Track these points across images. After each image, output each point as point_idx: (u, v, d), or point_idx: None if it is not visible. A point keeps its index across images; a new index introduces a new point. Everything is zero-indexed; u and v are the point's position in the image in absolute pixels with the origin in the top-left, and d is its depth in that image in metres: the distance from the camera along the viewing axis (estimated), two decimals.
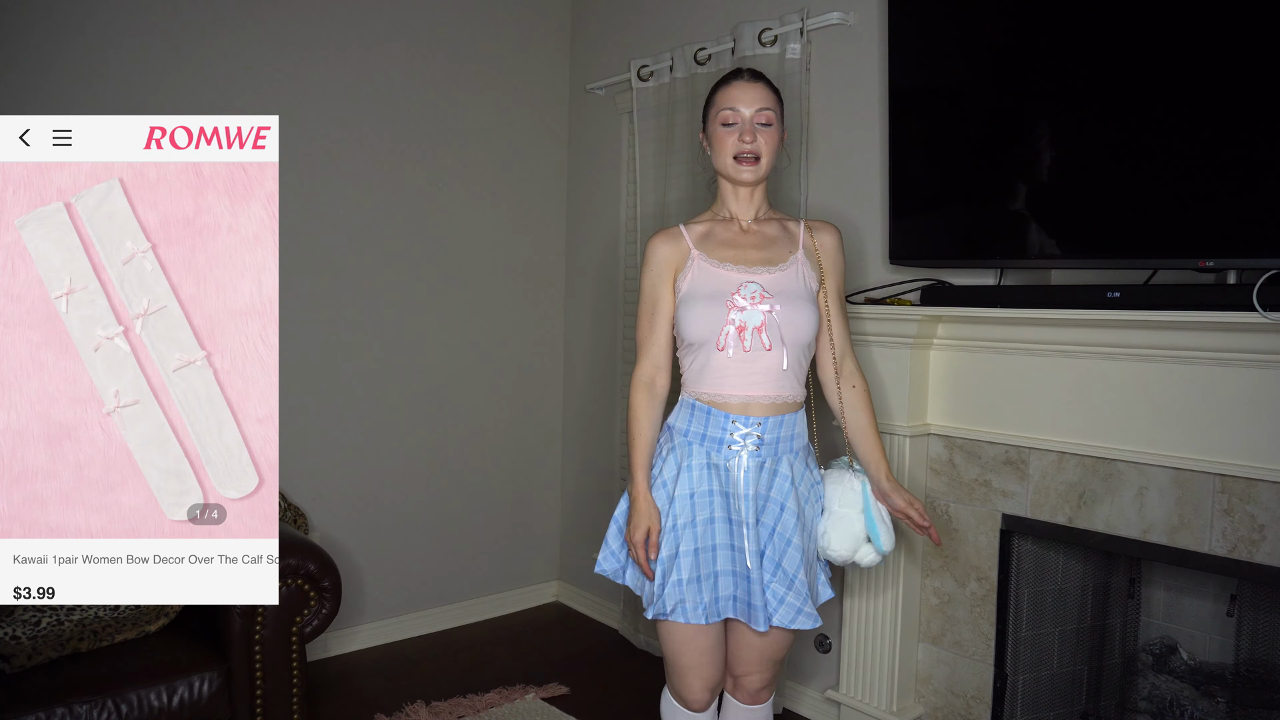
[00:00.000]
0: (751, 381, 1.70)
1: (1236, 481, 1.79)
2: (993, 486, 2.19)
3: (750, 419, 1.70)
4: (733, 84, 1.76)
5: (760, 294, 1.70)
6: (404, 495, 3.19)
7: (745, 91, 1.74)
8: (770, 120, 1.74)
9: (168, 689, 1.91)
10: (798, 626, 1.69)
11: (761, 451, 1.71)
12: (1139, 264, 1.86)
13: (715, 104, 1.77)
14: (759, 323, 1.69)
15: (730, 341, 1.69)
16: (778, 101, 1.78)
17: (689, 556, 1.70)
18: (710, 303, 1.71)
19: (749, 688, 1.84)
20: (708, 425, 1.72)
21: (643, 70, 3.00)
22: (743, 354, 1.69)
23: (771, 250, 1.78)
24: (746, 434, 1.71)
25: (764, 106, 1.73)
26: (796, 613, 1.69)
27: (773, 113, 1.75)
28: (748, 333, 1.69)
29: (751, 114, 1.73)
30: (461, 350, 3.31)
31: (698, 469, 1.72)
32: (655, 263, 1.79)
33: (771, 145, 1.75)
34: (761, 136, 1.73)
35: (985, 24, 2.08)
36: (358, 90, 2.99)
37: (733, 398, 1.71)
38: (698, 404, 1.74)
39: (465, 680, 2.85)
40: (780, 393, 1.72)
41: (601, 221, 3.40)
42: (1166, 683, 2.09)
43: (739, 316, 1.69)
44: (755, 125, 1.73)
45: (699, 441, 1.73)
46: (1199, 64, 1.73)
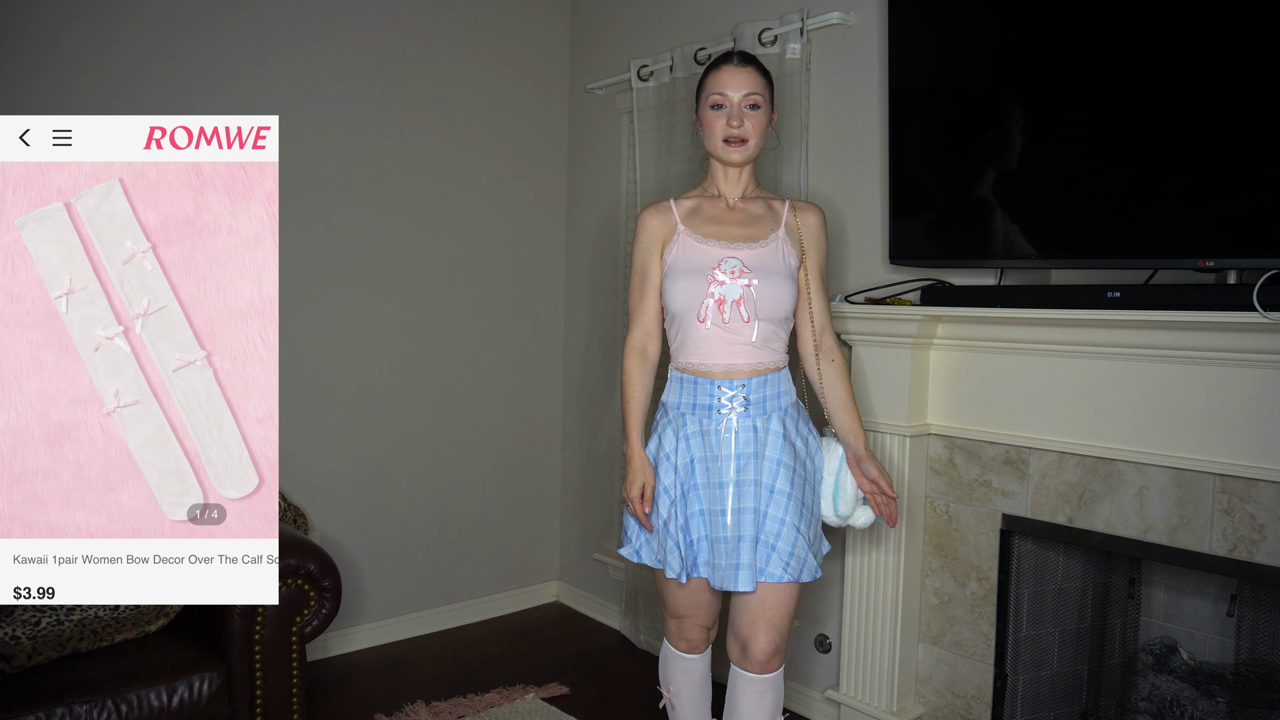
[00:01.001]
0: (731, 350, 1.81)
1: (1236, 481, 1.79)
2: (993, 486, 2.19)
3: (734, 382, 1.81)
4: (722, 68, 1.83)
5: (740, 268, 1.80)
6: (404, 495, 3.19)
7: (734, 76, 1.81)
8: (758, 103, 1.82)
9: (168, 689, 1.91)
10: (804, 579, 1.77)
11: (750, 411, 1.80)
12: (1139, 264, 1.86)
13: (706, 88, 1.85)
14: (737, 296, 1.79)
15: (710, 313, 1.79)
16: (767, 85, 1.84)
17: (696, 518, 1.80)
18: (692, 276, 1.81)
19: (756, 654, 1.81)
20: (696, 394, 1.83)
21: (643, 70, 3.00)
22: (722, 325, 1.79)
23: (754, 227, 1.87)
24: (733, 396, 1.80)
25: (751, 91, 1.81)
26: (802, 565, 1.76)
27: (761, 96, 1.82)
28: (727, 305, 1.79)
29: (740, 98, 1.81)
30: (461, 350, 3.31)
31: (693, 437, 1.82)
32: (645, 235, 1.90)
33: (760, 127, 1.83)
34: (749, 120, 1.82)
35: (985, 24, 2.08)
36: (358, 90, 2.99)
37: (715, 365, 1.82)
38: (685, 376, 1.85)
39: (465, 680, 2.85)
40: (759, 359, 1.82)
41: (601, 221, 3.40)
42: (1166, 683, 2.09)
43: (718, 290, 1.79)
44: (743, 109, 1.81)
45: (691, 411, 1.83)
46: (1199, 63, 1.73)
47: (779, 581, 1.75)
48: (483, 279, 3.35)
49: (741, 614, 1.83)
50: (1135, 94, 1.81)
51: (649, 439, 1.92)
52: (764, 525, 1.77)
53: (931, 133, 2.19)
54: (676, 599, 1.91)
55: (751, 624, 1.80)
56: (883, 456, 2.30)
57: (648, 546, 1.88)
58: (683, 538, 1.80)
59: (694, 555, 1.80)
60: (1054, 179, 1.97)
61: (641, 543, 1.89)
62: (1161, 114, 1.78)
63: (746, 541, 1.76)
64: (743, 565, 1.75)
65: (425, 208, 3.18)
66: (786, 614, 1.82)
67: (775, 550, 1.75)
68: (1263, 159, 1.65)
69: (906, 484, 2.28)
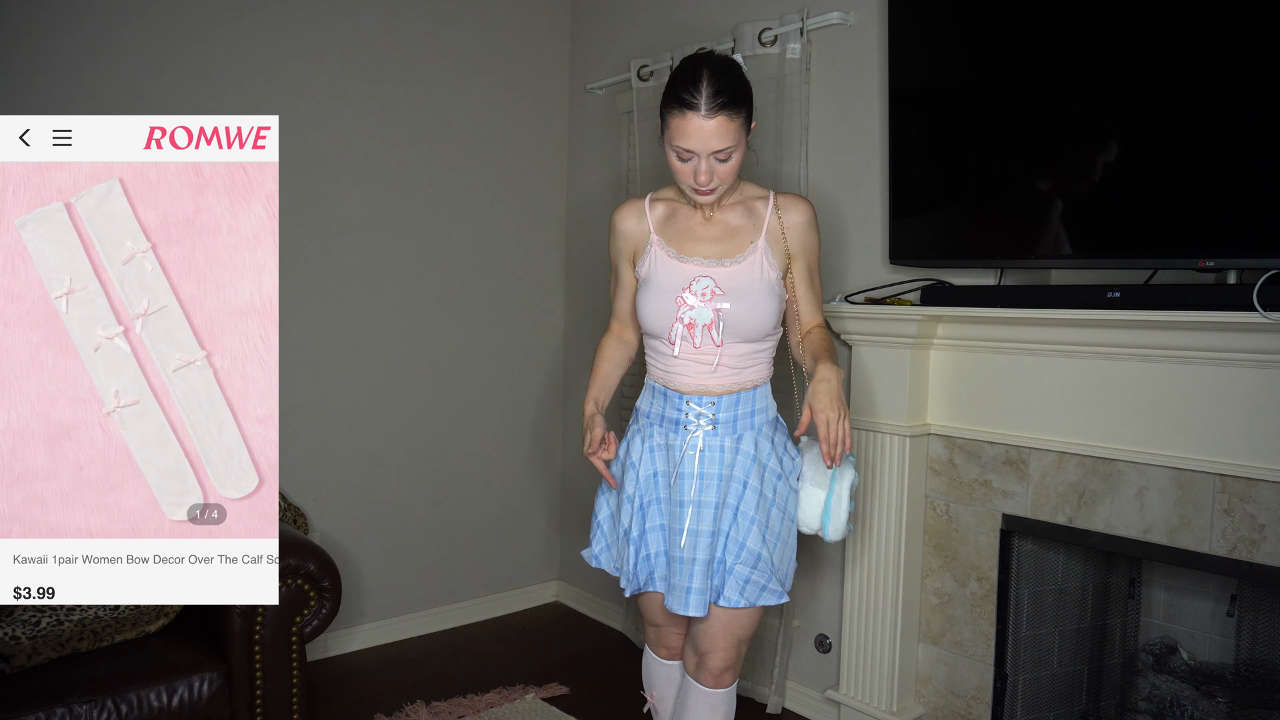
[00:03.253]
0: (701, 370, 1.73)
1: (1236, 481, 1.78)
2: (993, 486, 2.19)
3: (704, 398, 1.73)
4: (688, 116, 1.56)
5: (712, 289, 1.69)
6: (404, 495, 3.19)
7: (701, 130, 1.56)
8: (729, 154, 1.60)
9: (168, 689, 1.91)
10: (763, 603, 1.70)
11: (718, 430, 1.72)
12: (1139, 264, 1.86)
13: (669, 129, 1.61)
14: (708, 320, 1.69)
15: (679, 337, 1.70)
16: (741, 125, 1.60)
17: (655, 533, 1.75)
18: (662, 297, 1.71)
19: (711, 667, 1.75)
20: (665, 406, 1.77)
21: (643, 70, 3.00)
22: (693, 349, 1.71)
23: (731, 241, 1.73)
24: (700, 414, 1.73)
25: (722, 146, 1.58)
26: (760, 590, 1.69)
27: (733, 145, 1.59)
28: (698, 329, 1.70)
29: (708, 153, 1.59)
30: (461, 350, 3.31)
31: (658, 450, 1.77)
32: (617, 238, 1.83)
33: (733, 169, 1.64)
34: (719, 171, 1.62)
35: (985, 24, 2.08)
36: (358, 90, 2.99)
37: (686, 383, 1.74)
38: (656, 386, 1.79)
39: (465, 680, 2.85)
40: (735, 379, 1.73)
41: (601, 221, 3.40)
42: (1166, 683, 2.09)
43: (688, 314, 1.69)
44: (713, 163, 1.61)
45: (658, 423, 1.78)
46: (1199, 63, 1.73)
47: (735, 606, 1.68)
48: (483, 278, 3.35)
49: (699, 629, 1.77)
50: (1136, 93, 1.81)
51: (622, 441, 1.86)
52: (726, 547, 1.69)
53: (931, 133, 2.19)
54: (648, 607, 1.89)
55: (710, 640, 1.75)
56: (883, 456, 2.30)
57: (607, 553, 1.85)
58: (639, 551, 1.76)
59: (649, 569, 1.75)
60: (1054, 178, 1.97)
61: (602, 548, 1.85)
62: (1162, 114, 1.78)
63: (699, 565, 1.69)
64: (694, 589, 1.68)
65: (425, 208, 3.18)
66: (745, 634, 1.76)
67: (732, 574, 1.68)
68: (1262, 159, 1.65)
69: (907, 484, 2.28)
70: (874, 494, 2.32)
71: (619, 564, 1.84)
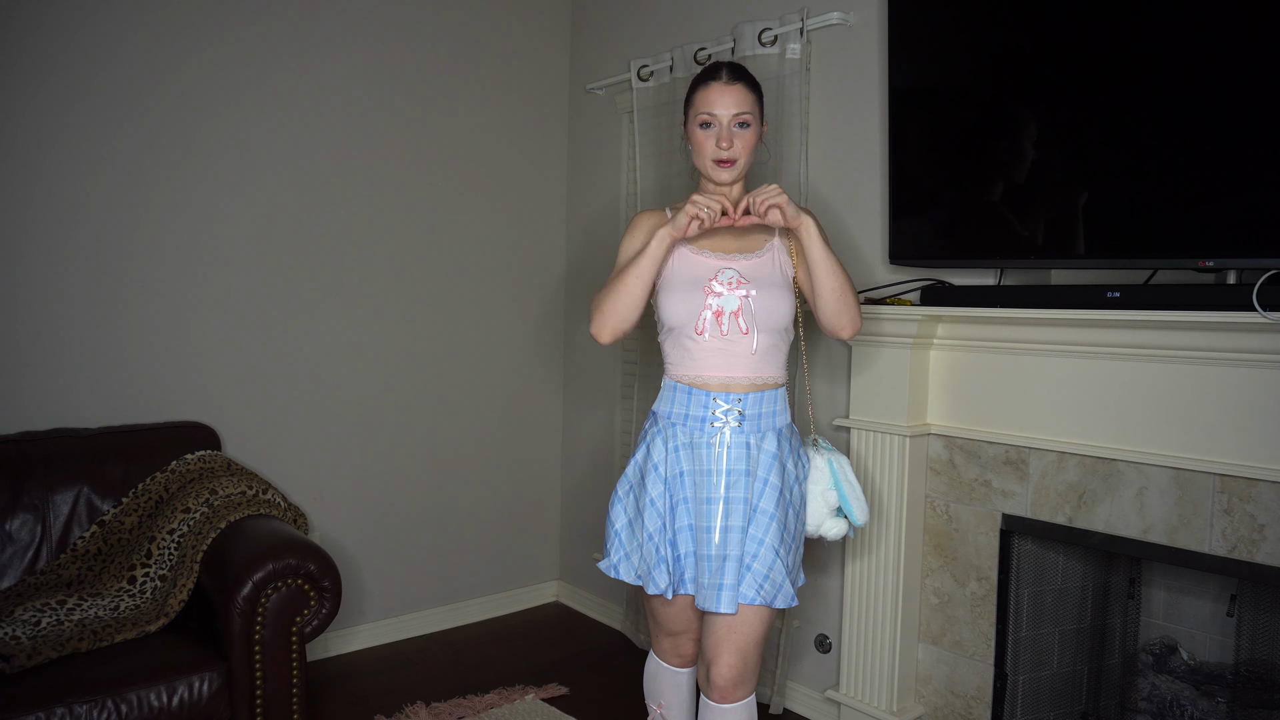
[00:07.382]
0: (731, 363, 1.76)
1: (1236, 481, 1.79)
2: (993, 486, 2.19)
3: (731, 395, 1.75)
4: (711, 85, 1.78)
5: (737, 279, 1.76)
6: (404, 495, 3.19)
7: (723, 95, 1.76)
8: (748, 121, 1.77)
9: (168, 689, 1.91)
10: (778, 605, 1.70)
11: (744, 427, 1.75)
12: (1139, 264, 1.86)
13: (694, 104, 1.80)
14: (735, 307, 1.74)
15: (708, 325, 1.74)
16: (756, 100, 1.80)
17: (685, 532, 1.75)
18: (689, 288, 1.76)
19: (717, 679, 1.72)
20: (690, 405, 1.77)
21: (643, 70, 3.00)
22: (720, 338, 1.75)
23: (749, 238, 1.84)
24: (728, 410, 1.75)
25: (741, 110, 1.76)
26: (776, 590, 1.70)
27: (750, 114, 1.78)
28: (725, 317, 1.74)
29: (729, 118, 1.76)
30: (462, 350, 3.31)
31: (683, 449, 1.77)
32: (638, 232, 1.86)
33: (749, 145, 1.79)
34: (739, 140, 1.77)
35: (985, 24, 2.08)
36: (358, 90, 2.99)
37: (713, 378, 1.76)
38: (679, 385, 1.80)
39: (465, 680, 2.85)
40: (759, 373, 1.77)
41: (601, 221, 3.40)
42: (1166, 683, 2.09)
43: (716, 301, 1.75)
44: (732, 129, 1.77)
45: (682, 423, 1.78)
46: (1199, 63, 1.72)
47: (751, 603, 1.69)
48: (483, 278, 3.35)
49: (709, 634, 1.74)
50: (1136, 94, 1.81)
51: (636, 449, 1.86)
52: (745, 545, 1.71)
53: (931, 133, 2.19)
54: (668, 616, 1.86)
55: (717, 645, 1.72)
56: (883, 456, 2.30)
57: (627, 562, 1.81)
58: (670, 552, 1.75)
59: (680, 571, 1.75)
60: (1054, 179, 1.97)
61: (620, 557, 1.82)
62: (1162, 114, 1.78)
63: (731, 561, 1.70)
64: (725, 586, 1.69)
65: (425, 208, 3.18)
66: (755, 638, 1.73)
67: (750, 571, 1.69)
68: (1262, 159, 1.65)
69: (907, 484, 2.28)
70: (874, 494, 2.32)
71: (640, 571, 1.80)
